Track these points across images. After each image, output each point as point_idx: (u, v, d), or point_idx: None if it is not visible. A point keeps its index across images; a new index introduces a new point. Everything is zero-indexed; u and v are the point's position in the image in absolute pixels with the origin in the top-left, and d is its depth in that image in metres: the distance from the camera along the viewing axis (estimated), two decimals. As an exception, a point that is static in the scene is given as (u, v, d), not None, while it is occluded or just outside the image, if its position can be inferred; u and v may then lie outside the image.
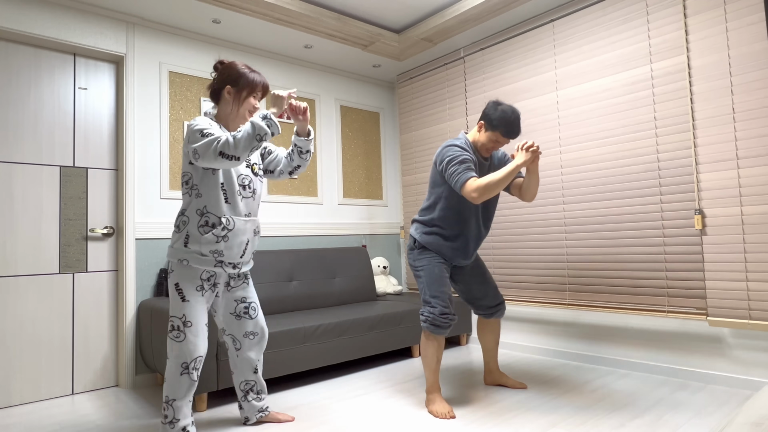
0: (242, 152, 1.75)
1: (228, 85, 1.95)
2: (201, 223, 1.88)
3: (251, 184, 2.01)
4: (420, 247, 2.42)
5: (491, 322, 2.60)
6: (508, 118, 2.25)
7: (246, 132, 1.75)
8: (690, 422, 2.04)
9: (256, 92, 1.97)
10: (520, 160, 2.16)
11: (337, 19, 3.28)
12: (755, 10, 2.34)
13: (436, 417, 2.21)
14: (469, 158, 2.25)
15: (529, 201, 2.43)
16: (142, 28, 3.07)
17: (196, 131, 1.80)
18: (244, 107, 1.96)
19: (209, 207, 1.89)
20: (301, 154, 2.08)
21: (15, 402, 2.61)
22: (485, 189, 2.14)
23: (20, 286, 2.66)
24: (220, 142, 1.74)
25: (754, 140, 2.34)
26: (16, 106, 2.71)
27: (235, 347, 2.13)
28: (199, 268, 1.90)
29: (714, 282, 2.46)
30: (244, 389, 2.16)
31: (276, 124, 1.80)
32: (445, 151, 2.30)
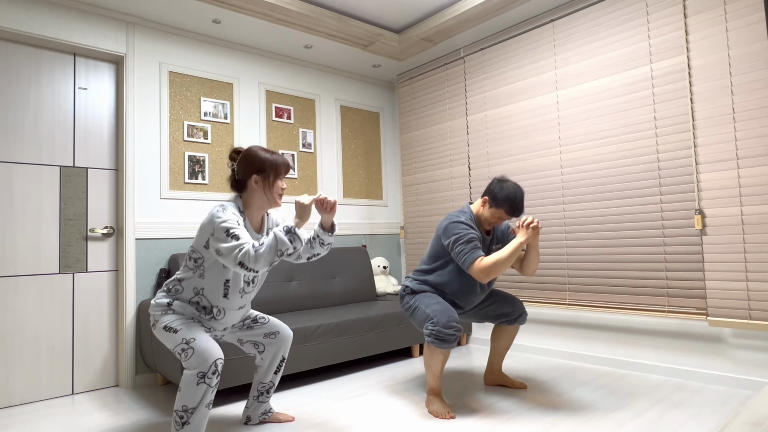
0: (262, 266, 1.73)
1: (254, 174, 1.91)
2: (193, 300, 1.90)
3: (256, 278, 2.01)
4: (411, 292, 2.43)
5: (511, 327, 2.57)
6: (512, 198, 2.28)
7: (269, 246, 1.72)
8: (690, 422, 2.04)
9: (281, 175, 1.95)
10: (522, 238, 2.18)
11: (337, 19, 3.28)
12: (755, 10, 2.34)
13: (436, 417, 2.21)
14: (476, 236, 2.27)
15: (530, 275, 2.44)
16: (142, 28, 3.07)
17: (222, 228, 1.76)
18: (274, 192, 1.94)
19: (206, 292, 1.89)
20: (322, 245, 2.03)
21: (15, 402, 2.61)
22: (493, 269, 2.17)
23: (20, 286, 2.66)
24: (242, 252, 1.71)
25: (754, 140, 2.34)
26: (16, 106, 2.71)
27: (258, 351, 2.12)
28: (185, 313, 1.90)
29: (714, 282, 2.46)
30: (260, 390, 2.16)
31: (300, 239, 1.77)
32: (451, 228, 2.30)
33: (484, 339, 3.63)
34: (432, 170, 3.97)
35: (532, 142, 3.26)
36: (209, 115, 3.31)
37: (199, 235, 1.87)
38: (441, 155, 3.90)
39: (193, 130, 3.23)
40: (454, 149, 3.79)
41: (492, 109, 3.52)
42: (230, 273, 1.90)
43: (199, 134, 3.25)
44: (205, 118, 3.29)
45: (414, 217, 4.13)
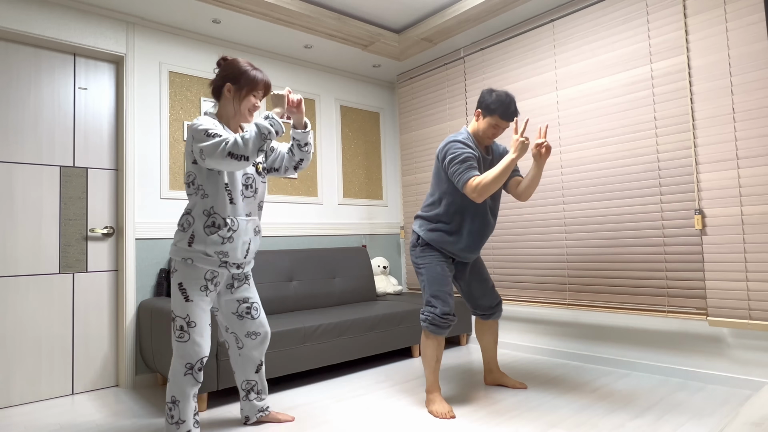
0: (251, 153, 1.74)
1: (228, 82, 1.92)
2: (207, 223, 1.88)
3: (254, 183, 2.01)
4: (423, 244, 2.41)
5: (489, 322, 2.60)
6: (504, 101, 2.28)
7: (252, 132, 1.75)
8: (690, 422, 2.04)
9: (256, 90, 1.94)
10: (514, 155, 2.16)
11: (337, 19, 3.28)
12: (755, 10, 2.34)
13: (436, 417, 2.21)
14: (472, 155, 2.26)
15: (524, 200, 2.43)
16: (142, 28, 3.07)
17: (201, 131, 1.78)
18: (244, 105, 1.93)
19: (216, 208, 1.88)
20: (300, 147, 2.07)
21: (15, 402, 2.61)
22: (484, 189, 2.15)
23: (20, 286, 2.66)
24: (228, 143, 1.72)
25: (754, 140, 2.34)
26: (16, 106, 2.71)
27: (237, 346, 2.13)
28: (204, 268, 1.89)
29: (714, 282, 2.46)
30: (246, 389, 2.16)
31: (279, 122, 1.80)
32: (447, 148, 2.30)
33: (484, 339, 3.63)
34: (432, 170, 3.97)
35: (532, 141, 3.26)
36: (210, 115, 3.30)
37: (187, 156, 1.90)
38: (441, 155, 3.89)
39: (193, 130, 3.23)
40: (454, 149, 3.79)
41: (492, 109, 3.51)
42: (225, 176, 1.89)
43: (199, 134, 3.25)
44: (205, 118, 3.28)
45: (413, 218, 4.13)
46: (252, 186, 2.00)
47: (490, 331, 2.60)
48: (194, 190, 1.90)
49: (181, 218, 1.94)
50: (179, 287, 1.87)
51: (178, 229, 1.93)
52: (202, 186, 1.88)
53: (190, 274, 1.88)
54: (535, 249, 3.24)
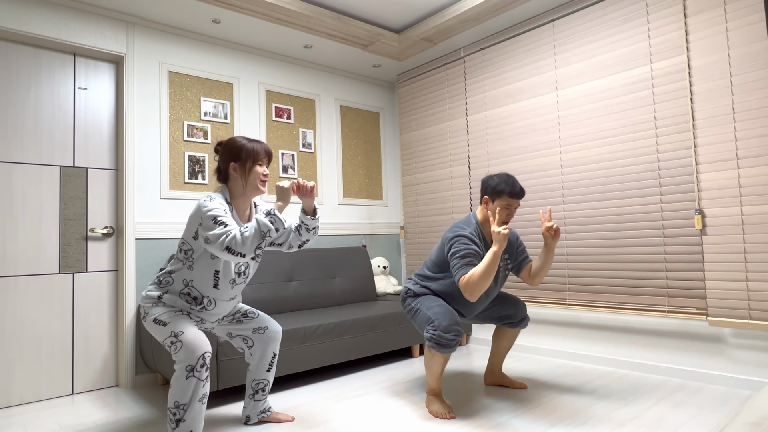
0: (248, 251, 1.75)
1: (231, 162, 1.93)
2: (184, 291, 1.90)
3: (247, 269, 2.01)
4: (414, 295, 2.42)
5: (514, 330, 2.57)
6: (507, 180, 2.29)
7: (252, 229, 1.75)
8: (690, 422, 2.04)
9: (260, 160, 1.95)
10: (495, 247, 2.09)
11: (337, 19, 3.28)
12: (755, 10, 2.34)
13: (436, 417, 2.21)
14: (473, 252, 2.22)
15: (536, 285, 2.43)
16: (142, 28, 3.07)
17: (209, 217, 1.78)
18: (253, 177, 1.94)
19: (196, 283, 1.90)
20: (308, 230, 2.05)
21: (15, 402, 2.61)
22: (472, 286, 2.10)
23: (20, 286, 2.66)
24: (228, 237, 1.73)
25: (754, 140, 2.34)
26: (16, 106, 2.71)
27: (247, 345, 2.13)
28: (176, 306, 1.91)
29: (714, 282, 2.46)
30: (255, 388, 2.16)
31: (280, 219, 1.79)
32: (453, 242, 2.28)
33: (484, 339, 3.63)
34: (432, 170, 3.97)
35: (532, 142, 3.26)
36: (209, 115, 3.31)
37: (188, 226, 1.89)
38: (441, 155, 3.90)
39: (193, 130, 3.23)
40: (454, 149, 3.79)
41: (492, 109, 3.52)
42: (220, 264, 1.90)
43: (199, 134, 3.25)
44: (205, 118, 3.29)
45: (414, 217, 4.13)
46: (245, 273, 2.01)
47: (510, 338, 2.57)
48: (183, 258, 1.91)
49: (160, 275, 1.94)
50: (154, 321, 1.85)
51: (154, 282, 1.94)
52: (192, 260, 1.89)
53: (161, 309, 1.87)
54: (535, 249, 3.24)
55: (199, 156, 3.23)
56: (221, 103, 3.37)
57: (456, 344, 2.19)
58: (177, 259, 1.92)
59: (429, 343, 2.20)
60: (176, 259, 1.93)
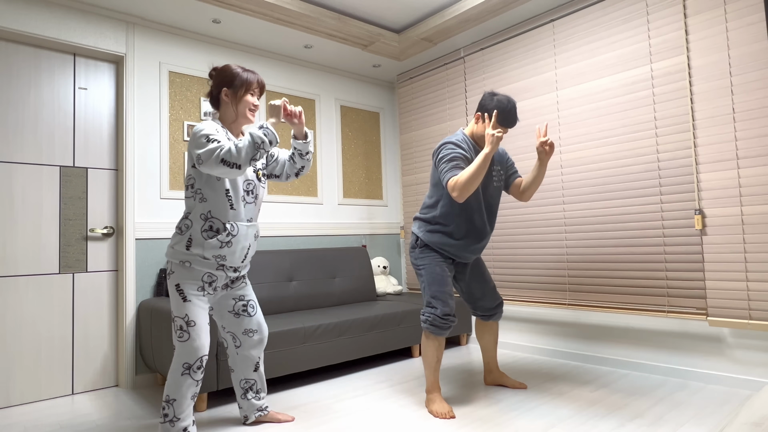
0: (244, 161, 1.76)
1: (224, 87, 1.96)
2: (205, 227, 1.89)
3: (255, 189, 2.02)
4: (422, 245, 2.41)
5: (490, 323, 2.60)
6: (504, 107, 2.27)
7: (245, 141, 1.77)
8: (690, 422, 2.04)
9: (252, 89, 1.98)
10: (487, 149, 2.10)
11: (337, 19, 3.28)
12: (755, 10, 2.34)
13: (436, 417, 2.21)
14: (461, 155, 2.25)
15: (526, 201, 2.44)
16: (142, 28, 3.07)
17: (201, 136, 1.81)
18: (243, 105, 1.97)
19: (214, 212, 1.90)
20: (301, 156, 2.10)
21: (15, 402, 2.61)
22: (461, 186, 2.12)
23: (20, 286, 2.66)
24: (222, 150, 1.75)
25: (754, 140, 2.34)
26: (16, 106, 2.71)
27: (234, 345, 2.13)
28: (201, 270, 1.90)
29: (714, 282, 2.46)
30: (244, 387, 2.16)
31: (273, 132, 1.82)
32: (440, 150, 2.31)
33: (484, 339, 3.63)
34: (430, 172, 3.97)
35: (532, 142, 3.26)
36: (209, 115, 3.31)
37: (188, 158, 1.92)
38: (441, 155, 3.89)
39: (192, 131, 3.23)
40: (454, 149, 3.79)
41: (492, 109, 3.51)
42: (226, 182, 1.91)
43: (199, 134, 3.25)
44: (205, 118, 3.29)
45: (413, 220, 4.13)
46: (253, 192, 2.02)
47: (491, 332, 2.60)
48: (192, 193, 1.92)
49: (180, 221, 1.95)
50: (176, 288, 1.88)
51: (176, 231, 1.94)
52: (200, 190, 1.90)
53: (186, 275, 1.89)
54: (535, 249, 3.24)
55: (199, 156, 3.23)
56: (221, 103, 3.36)
57: (449, 329, 2.28)
58: (188, 198, 1.94)
59: (424, 324, 2.30)
60: (186, 199, 1.95)
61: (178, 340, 1.86)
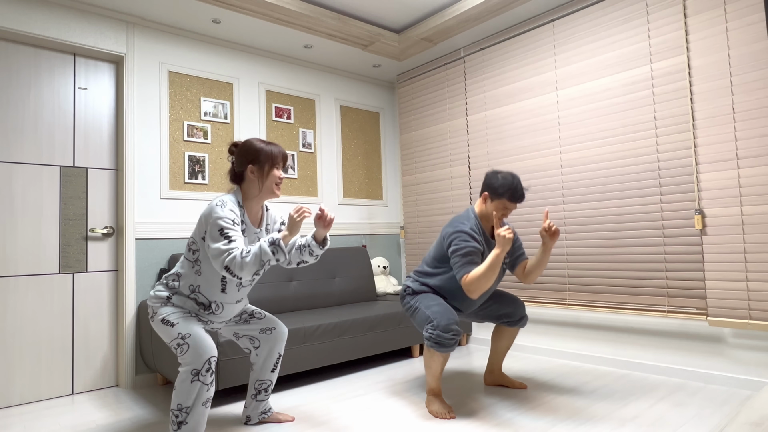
0: (246, 275, 1.75)
1: (250, 164, 1.92)
2: (191, 297, 1.91)
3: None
4: (413, 292, 2.41)
5: (513, 329, 2.57)
6: (511, 184, 2.26)
7: (253, 255, 1.74)
8: (690, 422, 2.04)
9: (277, 164, 1.95)
10: (498, 249, 2.10)
11: (337, 19, 3.28)
12: (755, 10, 2.34)
13: (435, 417, 2.21)
14: (475, 249, 2.23)
15: (530, 283, 2.42)
16: (142, 28, 3.07)
17: (217, 226, 1.78)
18: (270, 181, 1.94)
19: (203, 288, 1.90)
20: (311, 255, 2.03)
21: (15, 402, 2.61)
22: (473, 285, 2.13)
23: (20, 286, 2.66)
24: (229, 257, 1.73)
25: (754, 140, 2.34)
26: (16, 106, 2.71)
27: (254, 346, 2.13)
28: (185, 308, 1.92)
29: (714, 282, 2.46)
30: (258, 388, 2.16)
31: (283, 251, 1.77)
32: (453, 238, 2.27)
33: (484, 339, 3.63)
34: (432, 170, 3.97)
35: (532, 142, 3.26)
36: (209, 115, 3.31)
37: (198, 226, 1.89)
38: (441, 155, 3.90)
39: (193, 130, 3.23)
40: (454, 149, 3.79)
41: (492, 109, 3.52)
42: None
43: (199, 134, 3.25)
44: (205, 118, 3.29)
45: (414, 217, 4.13)
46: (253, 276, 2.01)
47: (510, 337, 2.57)
48: (192, 261, 1.91)
49: (168, 276, 1.94)
50: (162, 321, 1.85)
51: (161, 282, 1.94)
52: (200, 262, 1.89)
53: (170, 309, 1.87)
54: (535, 249, 3.24)
55: (199, 156, 3.23)
56: (221, 103, 3.37)
57: (455, 344, 2.19)
58: (185, 260, 1.92)
59: (428, 342, 2.20)
60: (185, 259, 1.93)
61: (180, 356, 1.79)
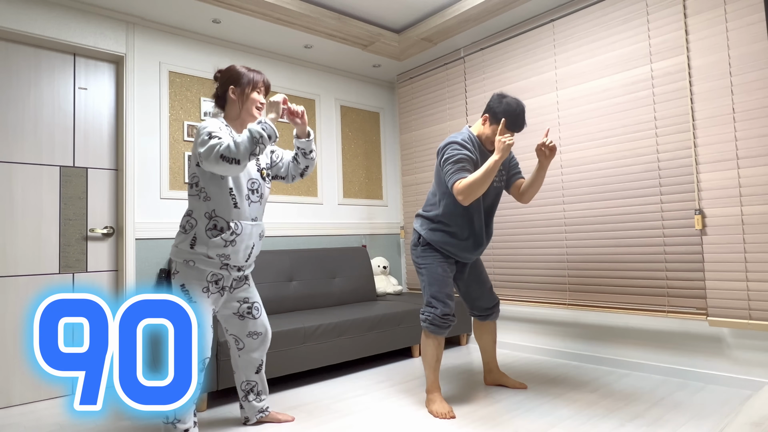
0: (243, 156, 1.75)
1: (231, 85, 1.97)
2: (209, 226, 1.88)
3: (260, 188, 2.02)
4: (424, 243, 2.40)
5: (487, 323, 2.60)
6: (513, 111, 2.22)
7: (244, 136, 1.76)
8: (690, 422, 2.04)
9: (258, 88, 2.00)
10: (497, 156, 2.09)
11: (337, 19, 3.28)
12: (755, 10, 2.34)
13: (436, 417, 2.21)
14: (466, 157, 2.22)
15: (526, 203, 2.42)
16: (142, 28, 3.07)
17: (204, 132, 1.80)
18: (249, 103, 1.97)
19: (218, 211, 1.89)
20: (305, 155, 2.09)
21: (15, 402, 2.61)
22: (467, 190, 2.11)
23: (20, 286, 2.66)
24: (222, 146, 1.74)
25: (754, 140, 2.34)
26: (16, 106, 2.71)
27: (237, 347, 2.13)
28: (206, 270, 1.90)
29: (714, 282, 2.46)
30: (245, 389, 2.16)
31: (272, 127, 1.81)
32: (445, 149, 2.28)
33: (484, 339, 3.63)
34: (432, 170, 3.97)
35: (532, 142, 3.26)
36: (209, 115, 3.31)
37: (192, 156, 1.90)
38: (441, 155, 3.89)
39: (193, 130, 3.23)
40: (454, 149, 3.79)
41: (492, 109, 3.51)
42: (229, 181, 1.91)
43: (199, 134, 3.25)
44: (205, 118, 3.29)
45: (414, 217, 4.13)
46: (258, 191, 2.01)
47: (489, 332, 2.60)
48: (197, 191, 1.91)
49: (183, 219, 1.94)
50: (182, 288, 1.88)
51: (180, 230, 1.93)
52: (205, 188, 1.89)
53: (191, 275, 1.88)
54: (535, 249, 3.24)
55: (199, 156, 3.23)
56: (221, 103, 3.36)
57: (449, 328, 2.29)
58: (191, 197, 1.93)
59: (423, 324, 2.31)
60: (190, 197, 1.94)
61: None
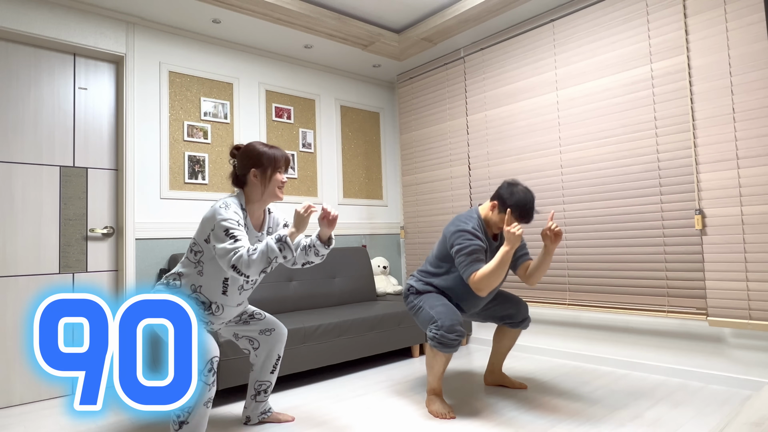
0: (254, 273, 1.74)
1: (252, 168, 1.91)
2: (192, 296, 1.89)
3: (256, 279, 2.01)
4: (416, 292, 2.40)
5: (516, 330, 2.55)
6: (522, 203, 2.20)
7: (260, 253, 1.72)
8: (690, 422, 2.04)
9: (280, 167, 1.94)
10: (507, 247, 2.09)
11: (337, 19, 3.28)
12: (755, 10, 2.34)
13: (436, 417, 2.21)
14: (479, 248, 2.22)
15: (532, 285, 2.38)
16: (142, 28, 3.07)
17: (222, 227, 1.77)
18: (272, 185, 1.93)
19: (205, 289, 1.90)
20: (316, 255, 2.00)
21: (15, 402, 2.61)
22: (485, 282, 2.12)
23: (20, 286, 2.66)
24: (236, 256, 1.72)
25: (754, 140, 2.34)
26: (16, 106, 2.71)
27: (253, 347, 2.13)
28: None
29: (714, 282, 2.46)
30: (257, 389, 2.15)
31: (290, 247, 1.76)
32: (456, 237, 2.25)
33: (484, 339, 3.63)
34: (432, 170, 3.97)
35: (532, 142, 3.26)
36: (209, 115, 3.31)
37: (201, 228, 1.87)
38: (441, 155, 3.90)
39: (193, 130, 3.23)
40: (454, 149, 3.79)
41: (492, 109, 3.52)
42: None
43: (199, 134, 3.25)
44: (205, 118, 3.29)
45: (414, 217, 4.13)
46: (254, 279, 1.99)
47: (511, 338, 2.56)
48: (195, 261, 1.90)
49: (169, 275, 1.93)
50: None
51: (162, 282, 1.93)
52: (203, 264, 1.89)
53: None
54: (535, 249, 3.23)
55: (199, 156, 3.23)
56: (221, 103, 3.37)
57: (458, 344, 2.18)
58: (188, 260, 1.91)
59: (432, 342, 2.20)
60: (186, 260, 1.92)
61: None
